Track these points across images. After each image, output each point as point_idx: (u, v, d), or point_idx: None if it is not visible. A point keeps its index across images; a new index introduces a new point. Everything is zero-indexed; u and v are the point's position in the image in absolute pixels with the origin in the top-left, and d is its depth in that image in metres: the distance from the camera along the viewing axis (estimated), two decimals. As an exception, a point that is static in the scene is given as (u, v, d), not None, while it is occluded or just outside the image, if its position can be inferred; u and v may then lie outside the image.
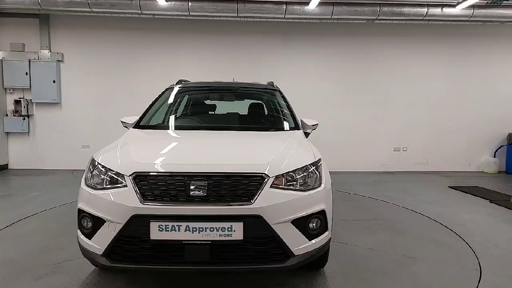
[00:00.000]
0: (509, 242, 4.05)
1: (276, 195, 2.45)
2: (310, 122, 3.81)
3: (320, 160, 2.83)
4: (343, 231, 4.16)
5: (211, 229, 2.34)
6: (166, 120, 3.96)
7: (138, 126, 3.65)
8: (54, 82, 7.89)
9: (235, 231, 2.35)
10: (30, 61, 7.82)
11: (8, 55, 7.85)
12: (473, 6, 7.16)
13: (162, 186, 2.41)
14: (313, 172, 2.69)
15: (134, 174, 2.45)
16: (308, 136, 3.72)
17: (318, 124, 3.82)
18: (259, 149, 3.03)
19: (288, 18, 7.37)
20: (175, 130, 3.71)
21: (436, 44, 8.42)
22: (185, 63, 8.14)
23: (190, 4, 6.99)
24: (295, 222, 2.47)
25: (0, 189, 6.30)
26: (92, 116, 8.17)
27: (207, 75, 6.83)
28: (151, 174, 2.46)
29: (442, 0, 7.17)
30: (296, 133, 3.58)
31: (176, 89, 4.33)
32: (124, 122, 3.76)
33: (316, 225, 2.60)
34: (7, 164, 8.12)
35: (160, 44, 8.12)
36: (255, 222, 2.37)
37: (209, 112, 4.56)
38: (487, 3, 7.17)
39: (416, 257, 3.61)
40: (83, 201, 2.59)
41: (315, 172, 2.71)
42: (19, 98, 7.92)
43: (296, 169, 2.61)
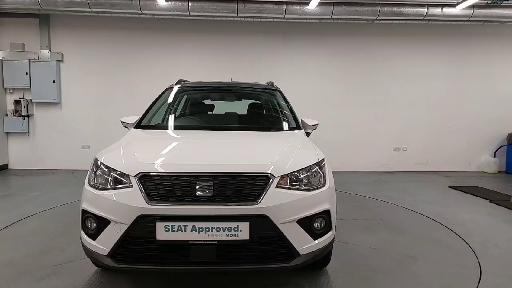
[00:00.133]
0: (509, 242, 4.05)
1: (282, 195, 2.46)
2: (310, 122, 3.83)
3: (323, 160, 2.85)
4: (343, 231, 4.16)
5: (217, 229, 2.34)
6: (167, 120, 3.95)
7: (140, 126, 3.63)
8: (54, 82, 7.90)
9: (241, 231, 2.35)
10: (30, 61, 7.82)
11: (8, 55, 7.85)
12: (473, 6, 7.16)
13: (168, 186, 2.41)
14: (317, 172, 2.70)
15: (139, 174, 2.44)
16: (308, 136, 3.73)
17: (318, 124, 3.86)
18: (263, 149, 3.04)
19: (288, 18, 7.37)
20: (177, 130, 3.69)
21: (436, 44, 8.42)
22: (185, 63, 8.14)
23: (190, 4, 6.99)
24: (301, 221, 2.48)
25: (0, 189, 6.30)
26: (92, 116, 8.17)
27: (207, 75, 6.83)
28: (157, 174, 2.45)
29: (442, 0, 7.18)
30: (298, 133, 3.59)
31: (177, 89, 4.32)
32: (124, 122, 3.74)
33: (321, 224, 2.61)
34: (7, 164, 8.13)
35: (160, 44, 8.12)
36: (261, 222, 2.38)
37: (210, 112, 4.55)
38: (487, 3, 7.17)
39: (417, 256, 3.61)
40: (87, 201, 2.57)
41: (319, 172, 2.72)
42: (19, 98, 7.92)
43: (300, 169, 2.62)
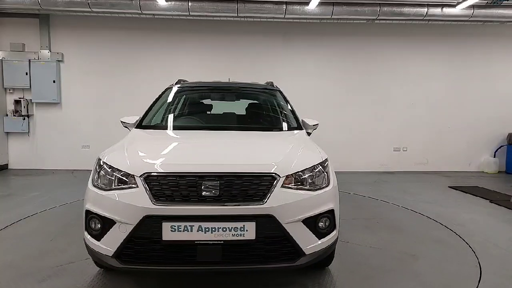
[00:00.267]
0: (509, 242, 4.05)
1: (287, 195, 2.47)
2: (311, 122, 3.85)
3: (327, 160, 2.87)
4: (343, 230, 4.14)
5: (224, 229, 2.34)
6: (169, 120, 3.93)
7: (141, 126, 3.61)
8: (54, 82, 7.89)
9: (247, 230, 2.36)
10: (30, 61, 7.81)
11: (8, 55, 7.84)
12: (473, 6, 7.16)
13: (173, 186, 2.40)
14: (320, 171, 2.72)
15: (145, 175, 2.43)
16: (309, 136, 3.73)
17: (318, 124, 3.87)
18: (267, 149, 3.05)
19: (288, 18, 7.36)
20: (179, 130, 3.67)
21: (436, 44, 8.42)
22: (185, 63, 8.14)
23: (190, 4, 6.99)
24: (306, 221, 2.50)
25: (0, 189, 6.30)
26: (92, 116, 8.17)
27: (207, 75, 6.82)
28: (162, 174, 2.44)
29: (442, 0, 7.18)
30: (300, 133, 3.60)
31: (177, 89, 4.31)
32: (124, 122, 3.73)
33: (325, 224, 2.63)
34: (7, 164, 8.12)
35: (160, 44, 8.12)
36: (267, 222, 2.40)
37: (212, 112, 4.54)
38: (487, 3, 7.17)
39: (417, 255, 3.63)
40: (91, 202, 2.55)
41: (323, 172, 2.74)
42: (19, 98, 7.92)
43: (305, 169, 2.63)
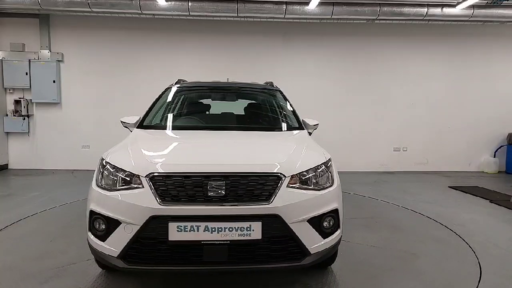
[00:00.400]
0: (509, 242, 4.05)
1: (292, 194, 2.48)
2: (311, 122, 3.87)
3: (330, 159, 2.88)
4: (344, 230, 4.11)
5: (230, 229, 2.35)
6: (170, 120, 3.91)
7: (142, 127, 3.58)
8: (54, 82, 7.89)
9: (253, 230, 2.36)
10: (30, 61, 7.81)
11: (8, 55, 7.84)
12: (473, 6, 7.16)
13: (179, 187, 2.40)
14: (324, 171, 2.73)
15: (151, 175, 2.43)
16: (310, 136, 3.73)
17: (318, 124, 3.88)
18: (271, 149, 3.06)
19: (288, 18, 7.36)
20: (182, 130, 3.64)
21: (436, 44, 8.42)
22: (185, 63, 8.14)
23: (190, 4, 6.99)
24: (311, 221, 2.51)
25: (0, 189, 6.29)
26: (92, 116, 8.17)
27: (207, 75, 6.81)
28: (168, 174, 2.43)
29: (442, 0, 7.18)
30: (302, 133, 3.61)
31: (178, 89, 4.29)
32: (124, 122, 3.71)
33: (329, 223, 2.64)
34: (7, 164, 8.12)
35: (160, 44, 8.12)
36: (273, 221, 2.40)
37: (214, 112, 4.53)
38: (487, 3, 7.17)
39: (417, 253, 3.64)
40: (95, 202, 2.54)
41: (327, 172, 2.75)
42: (19, 98, 7.92)
43: (309, 168, 2.65)
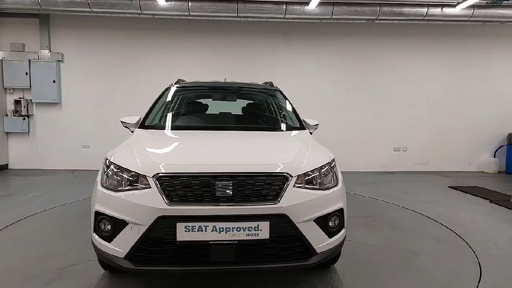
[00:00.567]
0: (509, 242, 4.06)
1: (299, 194, 2.49)
2: (311, 122, 3.87)
3: (334, 159, 2.90)
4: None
5: (238, 229, 2.35)
6: (173, 120, 3.88)
7: (144, 127, 3.56)
8: (54, 82, 7.89)
9: (261, 230, 2.37)
10: (30, 61, 7.81)
11: (8, 55, 7.84)
12: (473, 6, 7.16)
13: (186, 187, 2.39)
14: (329, 171, 2.75)
15: (158, 175, 2.41)
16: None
17: (318, 124, 3.88)
18: (277, 149, 3.08)
19: (288, 18, 7.36)
20: (185, 131, 3.60)
21: (436, 44, 8.42)
22: (185, 63, 8.14)
23: (190, 4, 6.99)
24: (317, 220, 2.52)
25: (0, 189, 6.29)
26: (92, 116, 8.17)
27: (207, 75, 6.81)
28: (175, 175, 2.42)
29: (442, 0, 7.18)
30: (304, 133, 3.61)
31: (178, 89, 4.27)
32: (124, 122, 3.68)
33: (335, 223, 2.65)
34: (7, 164, 8.12)
35: (160, 44, 8.12)
36: (281, 221, 2.41)
37: (216, 112, 4.51)
38: (487, 3, 7.17)
39: (418, 252, 3.65)
40: (100, 203, 2.51)
41: (331, 172, 2.77)
42: (19, 98, 7.92)
43: (314, 168, 2.66)
